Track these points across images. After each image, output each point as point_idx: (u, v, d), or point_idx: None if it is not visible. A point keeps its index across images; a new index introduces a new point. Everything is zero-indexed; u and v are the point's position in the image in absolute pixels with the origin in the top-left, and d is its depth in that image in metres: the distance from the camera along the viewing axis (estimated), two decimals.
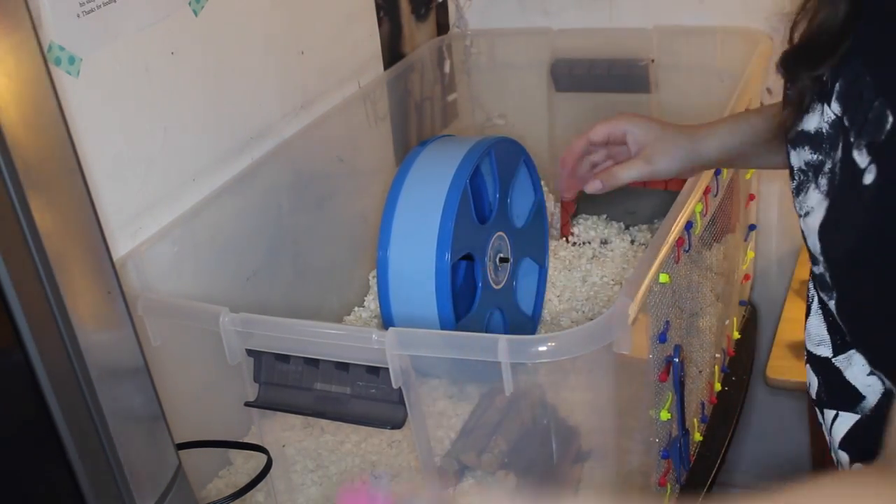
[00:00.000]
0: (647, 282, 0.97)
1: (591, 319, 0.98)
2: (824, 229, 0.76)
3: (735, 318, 1.51)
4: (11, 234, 0.51)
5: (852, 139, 0.72)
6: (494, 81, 1.79)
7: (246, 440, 1.17)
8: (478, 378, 1.18)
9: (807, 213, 0.79)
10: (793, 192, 0.83)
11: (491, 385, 1.15)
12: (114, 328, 0.61)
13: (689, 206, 1.09)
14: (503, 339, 0.88)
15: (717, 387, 1.39)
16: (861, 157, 0.71)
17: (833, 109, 0.76)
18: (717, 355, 1.38)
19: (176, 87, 1.18)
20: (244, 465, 1.22)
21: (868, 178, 0.70)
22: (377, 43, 1.59)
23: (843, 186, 0.74)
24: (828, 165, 0.77)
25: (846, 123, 0.74)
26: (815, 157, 0.79)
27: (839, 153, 0.75)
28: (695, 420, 1.27)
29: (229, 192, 1.24)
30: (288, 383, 1.02)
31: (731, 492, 2.04)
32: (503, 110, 1.81)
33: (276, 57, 1.36)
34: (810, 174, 0.79)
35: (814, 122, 0.79)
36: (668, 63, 1.63)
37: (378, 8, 1.58)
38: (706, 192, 1.16)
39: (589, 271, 1.53)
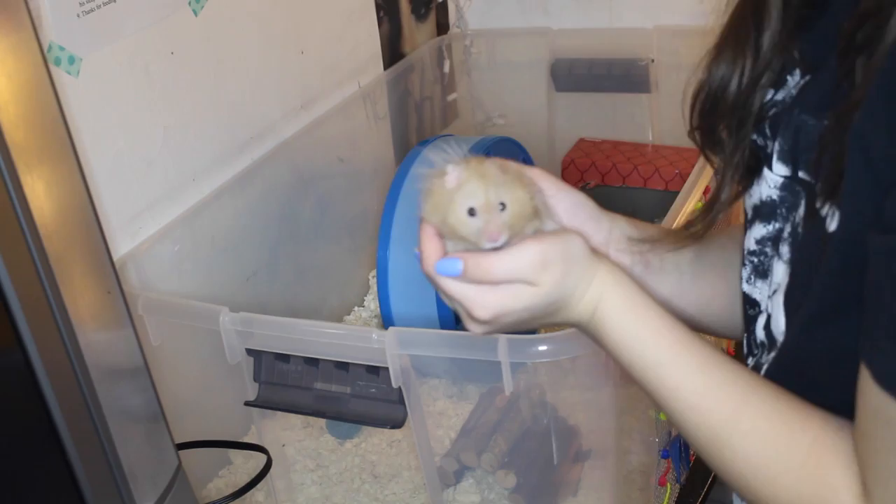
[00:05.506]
0: None
1: None
2: (790, 297, 0.68)
3: None
4: (11, 234, 0.51)
5: (815, 192, 0.64)
6: (494, 81, 1.80)
7: (246, 440, 1.17)
8: (478, 378, 1.18)
9: (774, 292, 0.71)
10: (747, 282, 0.76)
11: (491, 385, 1.15)
12: (114, 328, 0.61)
13: (689, 205, 1.09)
14: (503, 339, 0.88)
15: None
16: (822, 206, 0.63)
17: (777, 171, 0.69)
18: None
19: (176, 87, 1.18)
20: (244, 465, 1.22)
21: (832, 225, 0.61)
22: (377, 43, 1.59)
23: (807, 243, 0.67)
24: (787, 231, 0.70)
25: (802, 177, 0.67)
26: (772, 227, 0.72)
27: (800, 211, 0.68)
28: None
29: (229, 192, 1.24)
30: (288, 383, 1.02)
31: (730, 492, 2.05)
32: (503, 110, 1.81)
33: (276, 57, 1.36)
34: (768, 249, 0.73)
35: (757, 194, 0.73)
36: (668, 63, 1.63)
37: (378, 8, 1.58)
38: (706, 191, 1.16)
39: None
